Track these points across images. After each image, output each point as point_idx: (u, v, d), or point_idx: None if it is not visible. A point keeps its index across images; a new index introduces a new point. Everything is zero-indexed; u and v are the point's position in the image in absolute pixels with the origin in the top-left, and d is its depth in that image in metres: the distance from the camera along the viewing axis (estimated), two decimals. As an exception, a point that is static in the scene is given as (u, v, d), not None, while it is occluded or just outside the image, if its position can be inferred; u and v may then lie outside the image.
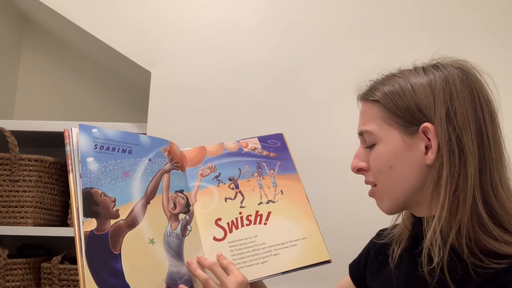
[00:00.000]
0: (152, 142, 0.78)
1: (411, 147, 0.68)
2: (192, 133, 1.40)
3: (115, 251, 0.64)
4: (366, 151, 0.74)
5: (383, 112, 0.71)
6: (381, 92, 0.71)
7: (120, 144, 0.72)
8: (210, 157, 0.85)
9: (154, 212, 0.71)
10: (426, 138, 0.67)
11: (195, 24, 1.46)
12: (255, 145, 0.88)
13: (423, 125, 0.67)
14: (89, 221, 0.64)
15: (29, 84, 1.72)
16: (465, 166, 0.64)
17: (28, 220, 1.33)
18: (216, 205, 0.79)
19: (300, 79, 1.43)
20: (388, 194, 0.71)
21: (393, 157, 0.69)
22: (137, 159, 0.73)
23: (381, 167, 0.70)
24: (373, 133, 0.71)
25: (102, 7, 1.46)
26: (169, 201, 0.75)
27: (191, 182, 0.80)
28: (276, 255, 0.76)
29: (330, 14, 1.46)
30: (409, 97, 0.68)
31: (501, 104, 0.71)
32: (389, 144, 0.70)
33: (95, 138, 0.70)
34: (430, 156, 0.67)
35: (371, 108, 0.73)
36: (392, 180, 0.70)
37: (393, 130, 0.70)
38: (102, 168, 0.68)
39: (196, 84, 1.43)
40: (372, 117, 0.72)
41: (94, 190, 0.66)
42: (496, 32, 1.43)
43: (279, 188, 0.82)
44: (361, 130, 0.74)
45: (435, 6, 1.46)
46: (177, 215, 0.75)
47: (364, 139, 0.74)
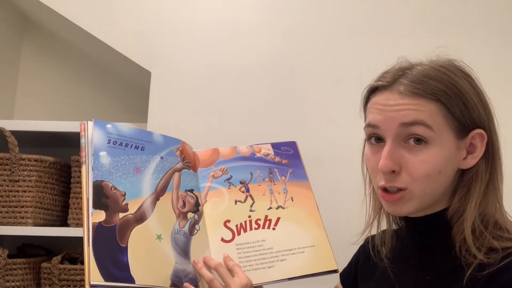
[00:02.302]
0: (165, 140, 0.79)
1: (457, 151, 0.67)
2: (192, 133, 1.40)
3: (122, 244, 0.65)
4: (397, 149, 0.67)
5: (444, 111, 0.65)
6: (438, 90, 0.66)
7: (133, 141, 0.73)
8: (223, 160, 0.85)
9: (163, 209, 0.72)
10: (470, 143, 0.68)
11: (195, 24, 1.46)
12: (268, 151, 0.88)
13: (477, 131, 0.67)
14: (98, 213, 0.64)
15: (29, 84, 1.72)
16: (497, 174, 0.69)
17: (28, 220, 1.33)
18: (226, 207, 0.79)
19: (301, 79, 1.43)
20: (419, 198, 0.67)
21: (444, 161, 0.66)
22: (149, 156, 0.74)
23: (431, 173, 0.65)
24: (432, 130, 0.65)
25: (102, 7, 1.46)
26: (179, 199, 0.75)
27: (202, 183, 0.81)
28: (283, 260, 0.76)
29: (330, 14, 1.46)
30: (473, 105, 0.67)
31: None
32: (444, 148, 0.66)
33: (109, 133, 0.71)
34: (471, 162, 0.68)
35: (425, 104, 0.65)
36: (434, 184, 0.67)
37: (450, 132, 0.66)
38: (114, 162, 0.69)
39: (196, 84, 1.43)
40: (429, 113, 0.65)
41: (104, 183, 0.67)
42: (497, 31, 1.43)
43: (290, 195, 0.82)
44: (414, 120, 0.65)
45: (436, 6, 1.46)
46: (186, 214, 0.76)
47: (410, 132, 0.65)
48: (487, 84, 0.72)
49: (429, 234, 0.72)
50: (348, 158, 0.83)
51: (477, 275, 0.62)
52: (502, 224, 0.67)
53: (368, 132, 0.72)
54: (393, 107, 0.66)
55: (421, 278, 0.70)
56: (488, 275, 0.61)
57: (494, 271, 0.61)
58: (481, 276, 0.62)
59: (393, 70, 0.71)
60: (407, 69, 0.70)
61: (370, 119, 0.70)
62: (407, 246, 0.76)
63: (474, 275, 0.63)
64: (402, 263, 0.75)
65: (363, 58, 1.42)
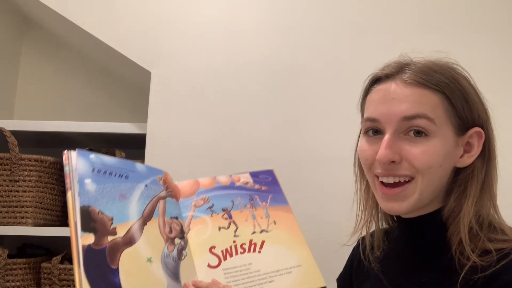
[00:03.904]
0: (148, 170, 0.80)
1: (456, 148, 0.67)
2: (192, 133, 1.40)
3: (113, 266, 0.65)
4: (397, 140, 0.66)
5: (446, 105, 0.65)
6: (442, 81, 0.65)
7: (117, 170, 0.74)
8: (203, 190, 0.86)
9: (151, 233, 0.72)
10: (467, 142, 0.68)
11: (196, 24, 1.46)
12: (247, 180, 0.90)
13: (476, 129, 0.67)
14: (87, 236, 0.64)
15: (29, 84, 1.72)
16: (492, 174, 0.68)
17: (28, 220, 1.33)
18: (210, 234, 0.80)
19: (301, 79, 1.43)
20: (421, 193, 0.66)
21: (445, 155, 0.65)
22: (134, 184, 0.75)
23: (433, 164, 0.64)
24: (434, 123, 0.64)
25: (102, 7, 1.46)
26: (165, 225, 0.76)
27: (185, 212, 0.82)
28: (271, 282, 0.76)
29: (330, 14, 1.46)
30: (473, 100, 0.67)
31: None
32: (444, 141, 0.65)
33: (93, 162, 0.72)
34: (467, 160, 0.67)
35: (429, 95, 0.65)
36: (436, 179, 0.66)
37: (451, 127, 0.66)
38: (100, 189, 0.70)
39: (196, 84, 1.43)
40: (432, 105, 0.65)
41: (91, 208, 0.67)
42: (495, 31, 1.43)
43: (272, 219, 0.83)
44: (417, 113, 0.64)
45: (437, 6, 1.46)
46: (173, 239, 0.76)
47: (412, 125, 0.65)
48: (483, 85, 0.72)
49: (423, 235, 0.71)
50: (348, 158, 0.83)
51: (472, 278, 0.62)
52: (496, 226, 0.67)
53: (366, 126, 0.70)
54: (397, 96, 0.66)
55: (416, 280, 0.69)
56: (485, 278, 0.61)
57: (491, 273, 0.60)
58: (476, 279, 0.61)
59: (397, 62, 0.71)
60: (410, 62, 0.70)
61: (370, 112, 0.70)
62: (400, 247, 0.75)
63: (469, 278, 0.62)
64: (395, 265, 0.75)
65: (364, 58, 1.42)
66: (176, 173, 1.37)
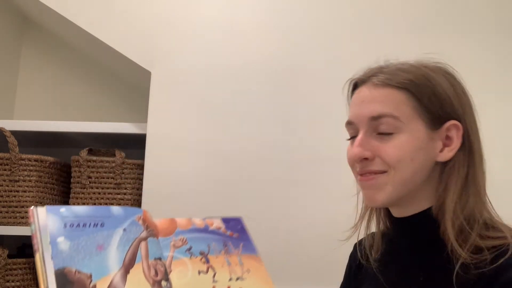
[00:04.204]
0: (125, 212, 0.77)
1: (431, 142, 0.68)
2: (192, 133, 1.40)
3: None
4: (370, 139, 0.69)
5: (412, 101, 0.68)
6: (407, 79, 0.68)
7: (91, 219, 0.71)
8: (181, 230, 0.87)
9: (135, 281, 0.70)
10: (446, 135, 0.68)
11: (195, 24, 1.46)
12: (219, 225, 0.91)
13: (452, 122, 0.68)
14: None
15: (29, 84, 1.72)
16: (476, 168, 0.68)
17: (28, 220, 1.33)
18: (191, 277, 0.80)
19: (301, 79, 1.43)
20: (394, 185, 0.68)
21: (416, 149, 0.67)
22: (111, 231, 0.72)
23: (403, 158, 0.67)
24: (400, 120, 0.67)
25: (102, 7, 1.46)
26: (150, 268, 0.75)
27: (165, 252, 0.82)
28: None
29: (330, 15, 1.46)
30: (443, 93, 0.68)
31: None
32: (413, 136, 0.67)
33: (64, 217, 0.69)
34: (447, 154, 0.68)
35: (394, 94, 0.68)
36: (409, 173, 0.67)
37: (421, 121, 0.68)
38: (74, 245, 0.67)
39: (196, 84, 1.43)
40: (398, 103, 0.68)
41: (67, 269, 0.64)
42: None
43: (246, 267, 0.84)
44: (382, 113, 0.68)
45: (438, 6, 1.46)
46: (160, 282, 0.75)
47: (379, 124, 0.69)
48: (480, 84, 0.72)
49: (417, 233, 0.71)
50: (348, 158, 0.84)
51: (468, 275, 0.62)
52: (489, 224, 0.67)
53: (347, 129, 0.75)
54: (366, 99, 0.70)
55: (413, 278, 0.70)
56: (486, 276, 0.61)
57: (492, 271, 0.61)
58: (472, 276, 0.62)
59: (372, 66, 0.75)
60: (384, 65, 0.74)
61: (348, 116, 0.74)
62: (396, 247, 0.76)
63: (469, 277, 0.62)
64: (393, 265, 0.75)
65: (364, 58, 1.42)
66: (176, 173, 1.38)
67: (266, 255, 1.41)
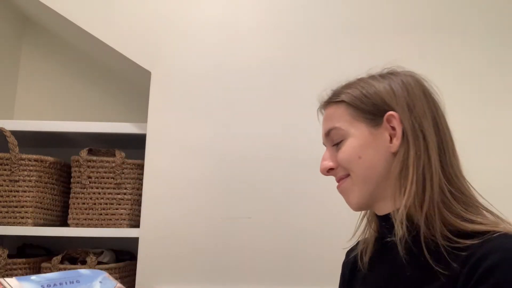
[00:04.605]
0: (93, 272, 0.79)
1: (377, 137, 0.74)
2: (192, 133, 1.40)
3: None
4: (332, 151, 0.79)
5: (349, 109, 0.77)
6: (345, 93, 0.78)
7: (64, 279, 0.73)
8: None
9: None
10: (390, 127, 0.74)
11: (196, 24, 1.46)
12: None
13: (388, 113, 0.73)
14: None
15: (29, 84, 1.72)
16: (428, 150, 0.71)
17: (28, 220, 1.33)
18: None
19: (301, 79, 1.43)
20: (358, 185, 0.75)
21: (361, 147, 0.74)
22: (88, 284, 0.74)
23: (351, 158, 0.75)
24: (342, 129, 0.76)
25: (102, 7, 1.46)
26: None
27: None
28: None
29: (331, 16, 1.46)
30: (373, 93, 0.76)
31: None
32: (358, 137, 0.75)
33: (38, 281, 0.70)
34: (395, 143, 0.73)
35: (337, 109, 0.79)
36: (363, 169, 0.74)
37: (360, 124, 0.75)
38: None
39: (196, 84, 1.43)
40: (339, 115, 0.78)
41: None
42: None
43: None
44: (329, 128, 0.79)
45: (438, 5, 1.46)
46: None
47: (331, 138, 0.79)
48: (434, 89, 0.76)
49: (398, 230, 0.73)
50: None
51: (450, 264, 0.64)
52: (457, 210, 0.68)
53: None
54: (321, 121, 0.82)
55: (400, 274, 0.71)
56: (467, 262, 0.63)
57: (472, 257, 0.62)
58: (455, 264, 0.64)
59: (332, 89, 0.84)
60: (336, 87, 0.83)
61: None
62: (384, 246, 0.77)
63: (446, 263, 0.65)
64: (381, 264, 0.77)
65: (364, 59, 1.42)
66: (176, 173, 1.38)
67: (267, 255, 1.42)
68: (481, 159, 1.33)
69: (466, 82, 1.41)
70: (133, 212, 1.40)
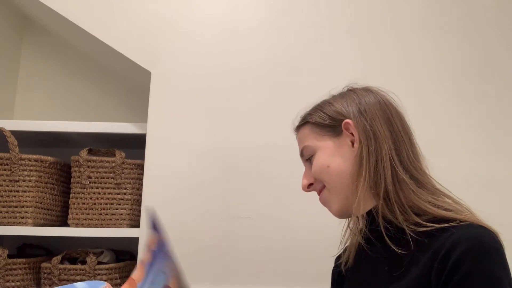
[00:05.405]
0: (89, 284, 0.80)
1: (341, 145, 0.82)
2: (192, 133, 1.40)
3: None
4: (308, 168, 0.86)
5: (313, 128, 0.85)
6: (308, 115, 0.88)
7: None
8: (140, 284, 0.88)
9: None
10: (350, 134, 0.81)
11: (196, 24, 1.46)
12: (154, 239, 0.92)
13: (344, 121, 0.81)
14: None
15: (29, 84, 1.72)
16: (380, 144, 0.78)
17: (28, 220, 1.33)
18: None
19: (301, 80, 1.43)
20: (333, 192, 0.82)
21: (329, 157, 0.82)
22: None
23: (321, 169, 0.82)
24: (311, 146, 0.85)
25: (102, 7, 1.46)
26: None
27: None
28: None
29: (331, 16, 1.46)
30: (329, 108, 0.84)
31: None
32: (324, 149, 0.83)
33: None
34: (356, 146, 0.79)
35: (304, 130, 0.87)
36: (333, 177, 0.81)
37: (324, 137, 0.84)
38: None
39: (196, 84, 1.43)
40: (306, 135, 0.87)
41: None
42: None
43: None
44: (301, 148, 0.87)
45: (438, 6, 1.46)
46: None
47: (305, 156, 0.87)
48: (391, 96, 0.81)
49: (374, 226, 0.78)
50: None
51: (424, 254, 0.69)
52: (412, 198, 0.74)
53: None
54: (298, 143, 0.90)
55: (379, 270, 0.76)
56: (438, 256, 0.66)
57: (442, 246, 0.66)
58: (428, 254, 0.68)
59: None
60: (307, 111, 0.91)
61: None
62: (365, 246, 0.81)
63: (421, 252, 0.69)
64: (363, 264, 0.82)
65: (365, 59, 1.42)
66: (176, 173, 1.38)
67: (267, 255, 1.42)
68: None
69: (466, 82, 1.41)
70: (133, 212, 1.40)
